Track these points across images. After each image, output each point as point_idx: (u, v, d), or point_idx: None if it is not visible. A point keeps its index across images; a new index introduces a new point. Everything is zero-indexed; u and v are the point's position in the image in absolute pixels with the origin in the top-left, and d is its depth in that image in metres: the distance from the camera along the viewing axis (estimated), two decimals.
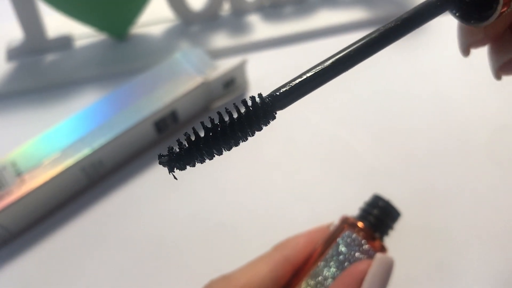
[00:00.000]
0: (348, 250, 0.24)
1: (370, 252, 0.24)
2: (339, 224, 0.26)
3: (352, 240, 0.25)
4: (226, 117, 0.15)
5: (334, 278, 0.24)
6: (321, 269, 0.24)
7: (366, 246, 0.24)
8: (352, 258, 0.24)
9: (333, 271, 0.24)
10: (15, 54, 0.45)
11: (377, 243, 0.25)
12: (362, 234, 0.25)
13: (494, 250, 0.32)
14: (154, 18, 0.48)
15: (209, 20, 0.48)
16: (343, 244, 0.25)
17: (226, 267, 0.25)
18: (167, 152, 0.14)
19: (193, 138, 0.14)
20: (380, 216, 0.25)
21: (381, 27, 0.16)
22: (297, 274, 0.25)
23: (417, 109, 0.41)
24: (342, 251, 0.24)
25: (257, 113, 0.15)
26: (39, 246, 0.34)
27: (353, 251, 0.24)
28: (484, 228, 0.33)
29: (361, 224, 0.25)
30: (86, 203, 0.36)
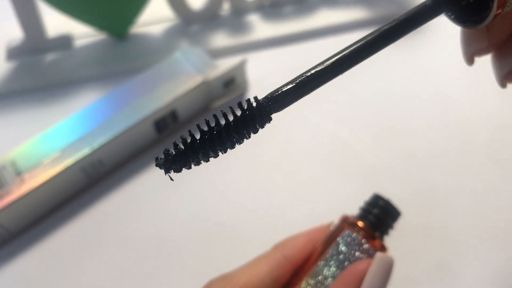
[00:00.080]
0: (348, 250, 0.24)
1: (370, 251, 0.24)
2: (339, 223, 0.26)
3: (352, 239, 0.25)
4: (222, 120, 0.15)
5: (334, 277, 0.24)
6: (321, 268, 0.24)
7: (366, 245, 0.24)
8: (352, 258, 0.24)
9: (333, 271, 0.24)
10: (15, 53, 0.45)
11: (377, 243, 0.25)
12: (362, 233, 0.25)
13: (494, 250, 0.32)
14: (154, 18, 0.48)
15: (209, 19, 0.48)
16: (343, 243, 0.25)
17: (226, 267, 0.25)
18: (163, 154, 0.14)
19: (189, 141, 0.14)
20: (380, 215, 0.25)
21: (379, 28, 0.16)
22: (297, 273, 0.25)
23: (417, 109, 0.41)
24: (342, 251, 0.24)
25: (253, 115, 0.15)
26: (39, 246, 0.33)
27: (353, 251, 0.24)
28: (484, 228, 0.33)
29: (361, 223, 0.25)
30: (86, 203, 0.36)
